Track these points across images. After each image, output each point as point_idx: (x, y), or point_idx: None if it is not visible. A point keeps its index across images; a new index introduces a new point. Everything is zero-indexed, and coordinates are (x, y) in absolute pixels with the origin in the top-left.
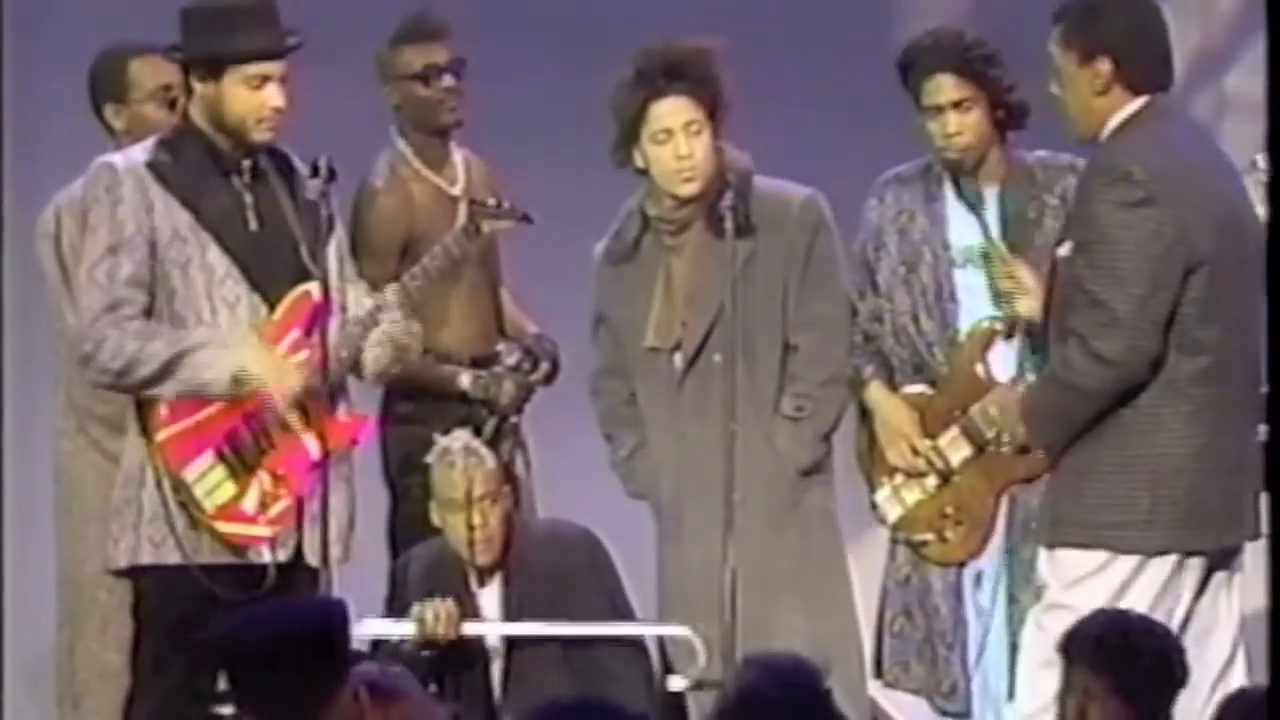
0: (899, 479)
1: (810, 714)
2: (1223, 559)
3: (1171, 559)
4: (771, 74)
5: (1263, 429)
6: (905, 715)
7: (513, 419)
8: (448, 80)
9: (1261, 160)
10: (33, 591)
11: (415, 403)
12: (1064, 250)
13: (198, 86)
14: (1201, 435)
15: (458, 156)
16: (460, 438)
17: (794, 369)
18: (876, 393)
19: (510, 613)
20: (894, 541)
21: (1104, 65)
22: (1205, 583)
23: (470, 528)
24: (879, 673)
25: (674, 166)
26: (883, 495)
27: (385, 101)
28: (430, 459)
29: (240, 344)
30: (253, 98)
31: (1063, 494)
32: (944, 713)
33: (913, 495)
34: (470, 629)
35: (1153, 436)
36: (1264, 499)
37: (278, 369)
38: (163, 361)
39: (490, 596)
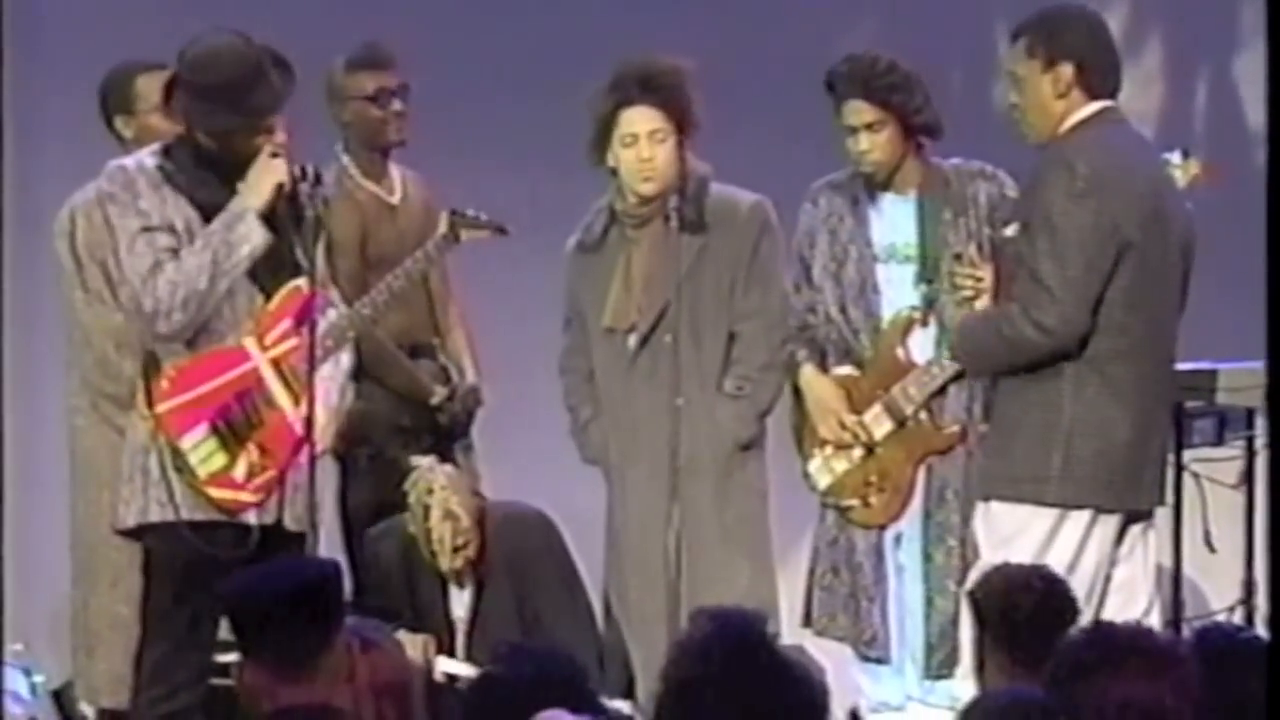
0: (829, 450)
1: (763, 655)
2: (1136, 520)
3: (1085, 517)
4: (732, 94)
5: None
6: (831, 660)
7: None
8: (396, 104)
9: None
10: (48, 553)
11: (361, 381)
12: (1010, 231)
13: (205, 139)
14: (1113, 408)
15: (395, 171)
16: (440, 493)
17: (736, 353)
18: (809, 374)
19: (477, 593)
20: (824, 506)
21: (1066, 70)
22: (1122, 541)
23: (453, 567)
24: (808, 622)
25: (636, 167)
26: (814, 465)
27: (335, 118)
28: (409, 487)
29: (245, 202)
30: (259, 143)
31: (992, 453)
32: (865, 658)
33: (840, 465)
34: (443, 665)
35: (1070, 405)
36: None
37: (267, 184)
38: (206, 265)
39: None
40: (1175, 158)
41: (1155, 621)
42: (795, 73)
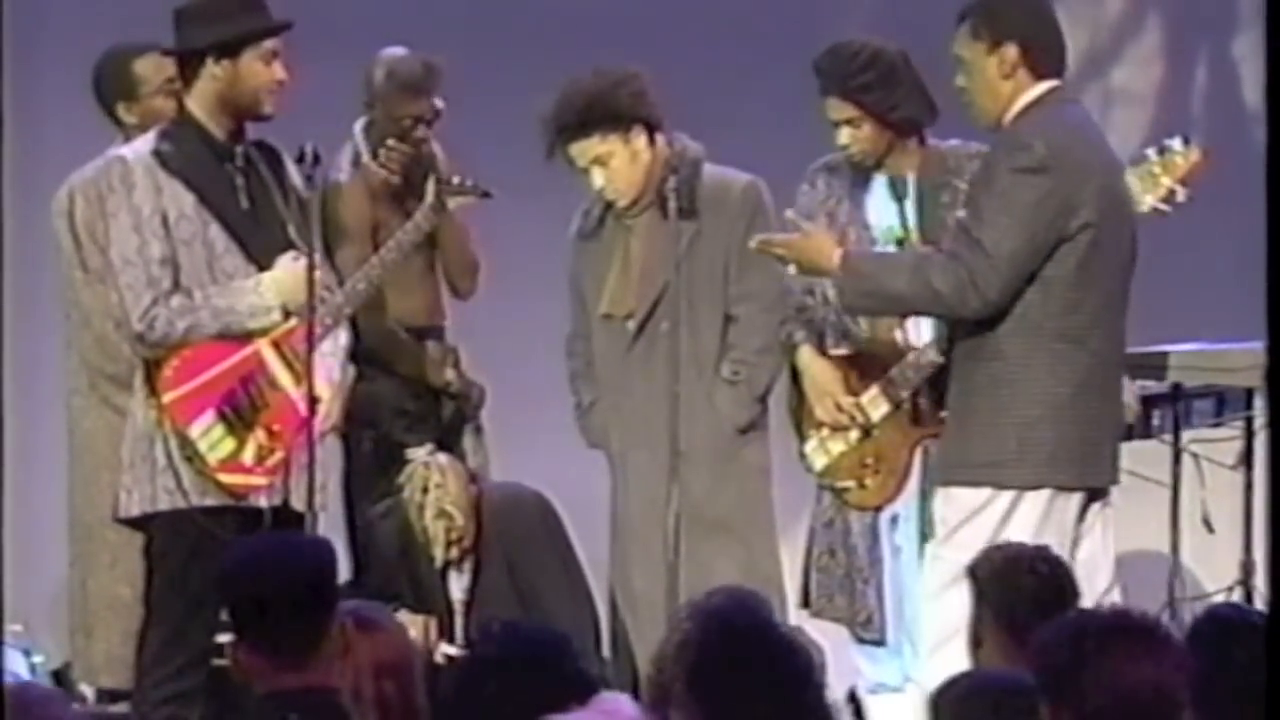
0: (825, 432)
1: (770, 634)
2: (1096, 499)
3: (1044, 496)
4: (728, 73)
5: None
6: (829, 642)
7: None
8: (421, 131)
9: (1151, 152)
10: (47, 534)
11: (367, 362)
12: (961, 212)
13: (213, 70)
14: (1065, 388)
15: None
16: (433, 475)
17: (732, 338)
18: (806, 356)
19: (474, 575)
20: (820, 488)
21: (1010, 51)
22: (1083, 520)
23: (447, 558)
24: (806, 603)
25: (599, 189)
26: (811, 446)
27: (362, 104)
28: (404, 480)
29: (272, 303)
30: (266, 72)
31: (950, 440)
32: (862, 640)
33: (837, 447)
34: (444, 648)
35: (1020, 387)
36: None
37: (300, 293)
38: (213, 333)
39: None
40: (1176, 144)
41: (1116, 598)
42: (791, 52)
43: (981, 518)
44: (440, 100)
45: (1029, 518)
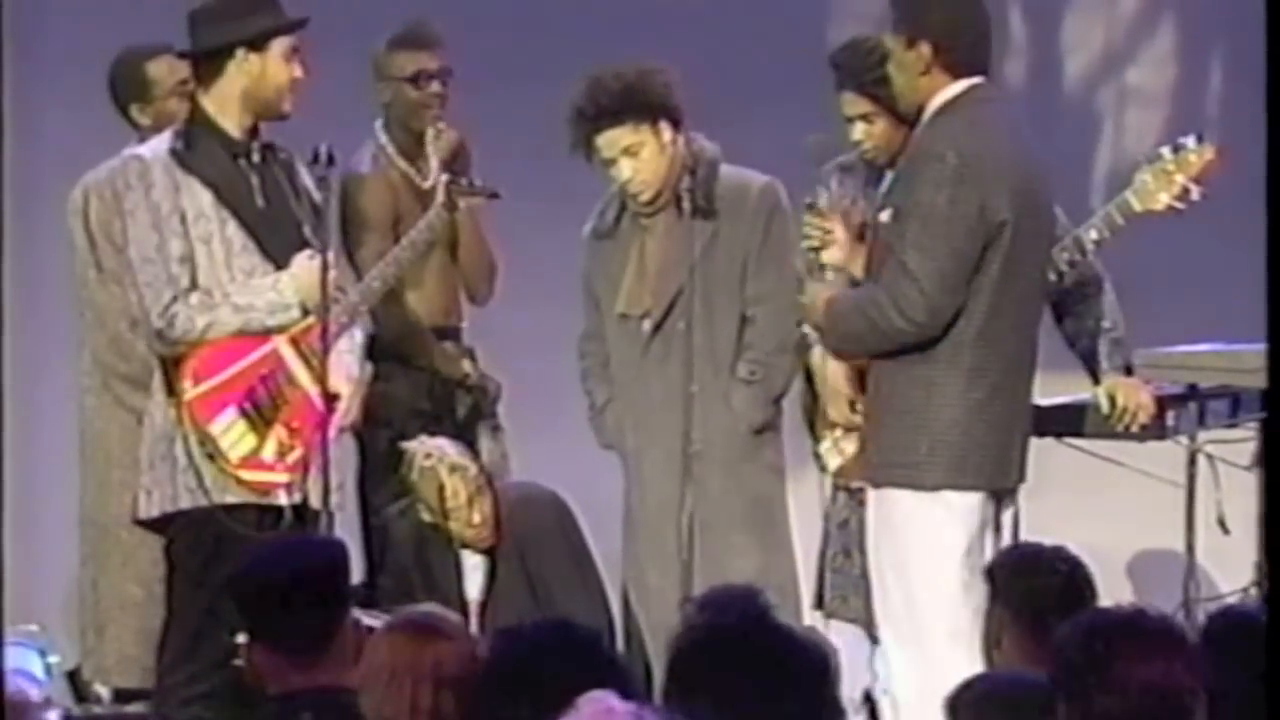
0: (839, 433)
1: (761, 628)
2: (1004, 500)
3: (956, 497)
4: (743, 73)
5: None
6: (844, 643)
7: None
8: (435, 86)
9: (1166, 150)
10: (60, 534)
11: (382, 361)
12: (884, 216)
13: (241, 65)
14: (977, 392)
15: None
16: (437, 454)
17: (749, 338)
18: (820, 356)
19: (490, 574)
20: (835, 488)
21: (924, 49)
22: (990, 521)
23: (471, 526)
24: (820, 604)
25: (622, 183)
26: (825, 447)
27: (376, 97)
28: (410, 473)
29: (291, 300)
30: (287, 69)
31: (871, 442)
32: (876, 640)
33: (851, 447)
34: None
35: (936, 389)
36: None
37: (317, 290)
38: (232, 330)
39: (473, 558)
40: (1190, 142)
41: None
42: (807, 51)
43: (897, 519)
44: (444, 60)
45: (943, 519)
